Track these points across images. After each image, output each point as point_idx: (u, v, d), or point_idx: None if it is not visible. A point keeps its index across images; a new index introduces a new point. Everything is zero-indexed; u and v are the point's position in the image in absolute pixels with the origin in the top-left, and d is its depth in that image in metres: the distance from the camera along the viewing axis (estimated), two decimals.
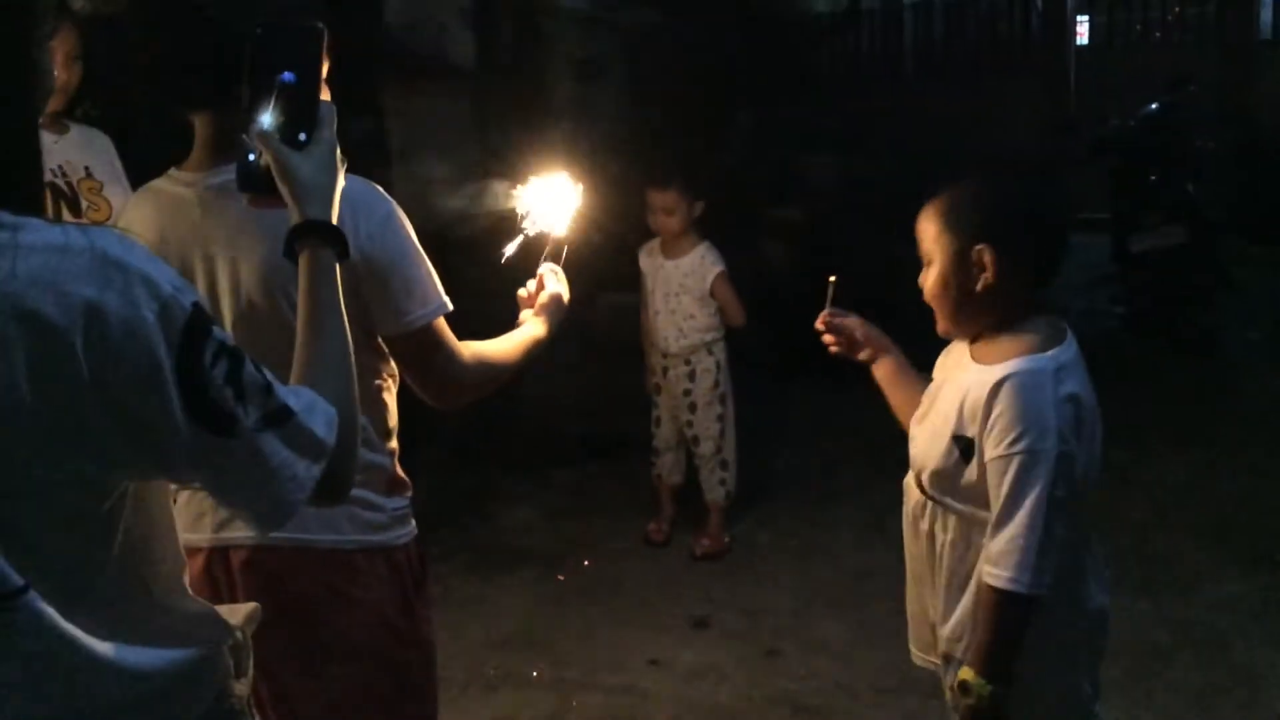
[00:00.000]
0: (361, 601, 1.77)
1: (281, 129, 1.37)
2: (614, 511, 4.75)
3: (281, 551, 1.73)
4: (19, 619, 1.08)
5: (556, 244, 2.12)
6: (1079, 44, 11.22)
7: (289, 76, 1.38)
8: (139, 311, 1.08)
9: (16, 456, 1.06)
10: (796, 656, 3.55)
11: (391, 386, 1.83)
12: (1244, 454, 4.94)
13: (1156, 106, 6.99)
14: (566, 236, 2.14)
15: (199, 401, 1.12)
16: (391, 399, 1.83)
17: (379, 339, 1.76)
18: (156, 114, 1.80)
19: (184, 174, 1.72)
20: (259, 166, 1.39)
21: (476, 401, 1.90)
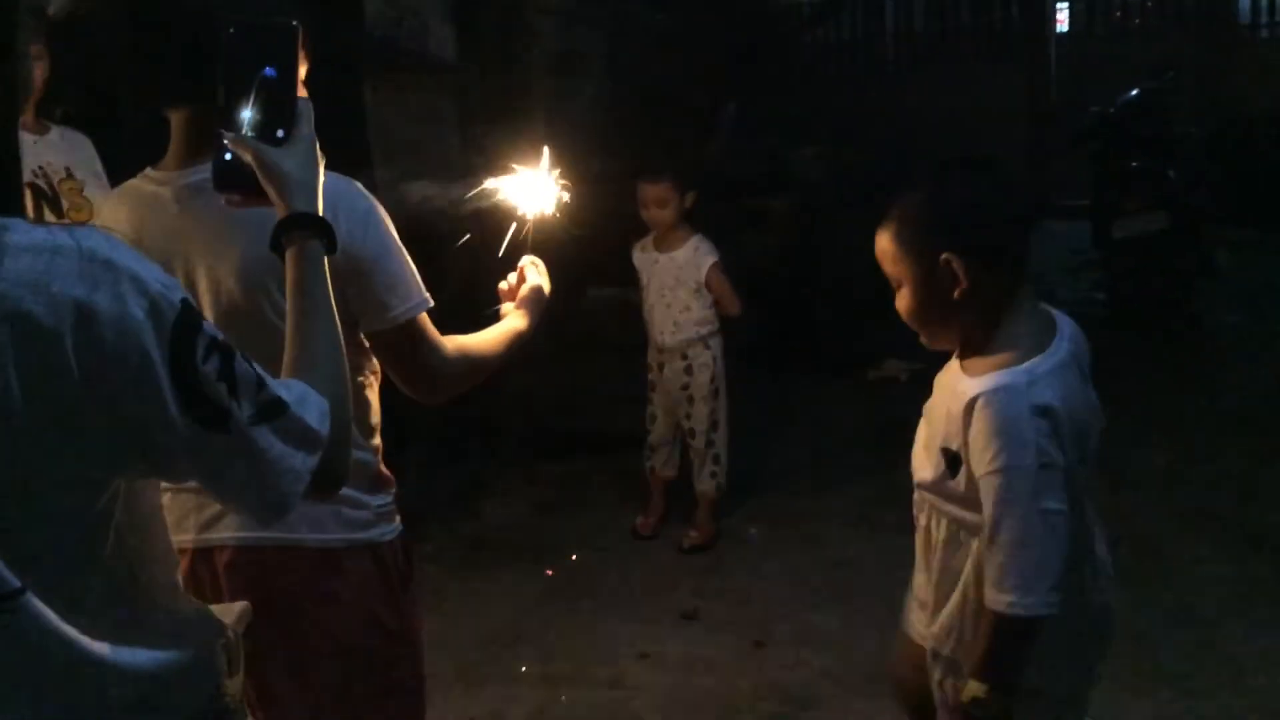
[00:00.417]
0: (348, 599, 1.77)
1: (258, 126, 1.37)
2: (602, 506, 4.76)
3: (266, 551, 1.72)
4: (17, 620, 1.07)
5: (538, 235, 2.12)
6: (1059, 31, 11.23)
7: (267, 73, 1.38)
8: (128, 310, 1.08)
9: (9, 458, 1.05)
10: (785, 647, 3.56)
11: (374, 383, 1.83)
12: (1227, 439, 4.97)
13: (1137, 93, 7.01)
14: (548, 227, 2.14)
15: (192, 397, 1.12)
16: (374, 395, 1.83)
17: (361, 335, 1.75)
18: (134, 112, 1.79)
19: (160, 172, 1.71)
20: (236, 165, 1.38)
21: (462, 396, 1.90)
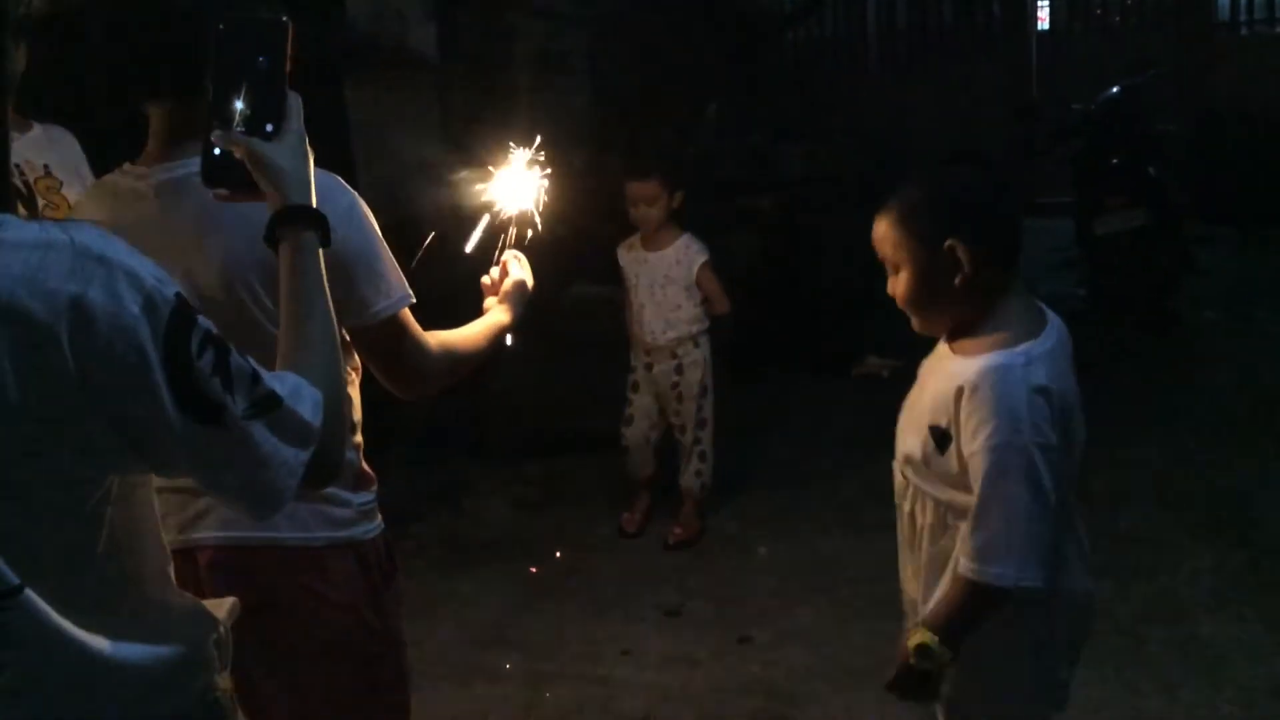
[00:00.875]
0: (330, 598, 1.76)
1: (248, 120, 1.37)
2: (586, 504, 4.76)
3: (248, 550, 1.71)
4: (15, 618, 1.07)
5: (520, 230, 2.12)
6: (1040, 29, 11.26)
7: (258, 67, 1.37)
8: (123, 305, 1.08)
9: (5, 455, 1.05)
10: (769, 643, 3.56)
11: (355, 380, 1.82)
12: (1207, 433, 5.00)
13: (1117, 90, 7.04)
14: (530, 222, 2.14)
15: (187, 392, 1.12)
16: (355, 392, 1.82)
17: (343, 331, 1.74)
18: (113, 107, 1.78)
19: (138, 168, 1.69)
20: (226, 160, 1.38)
21: (446, 394, 1.89)
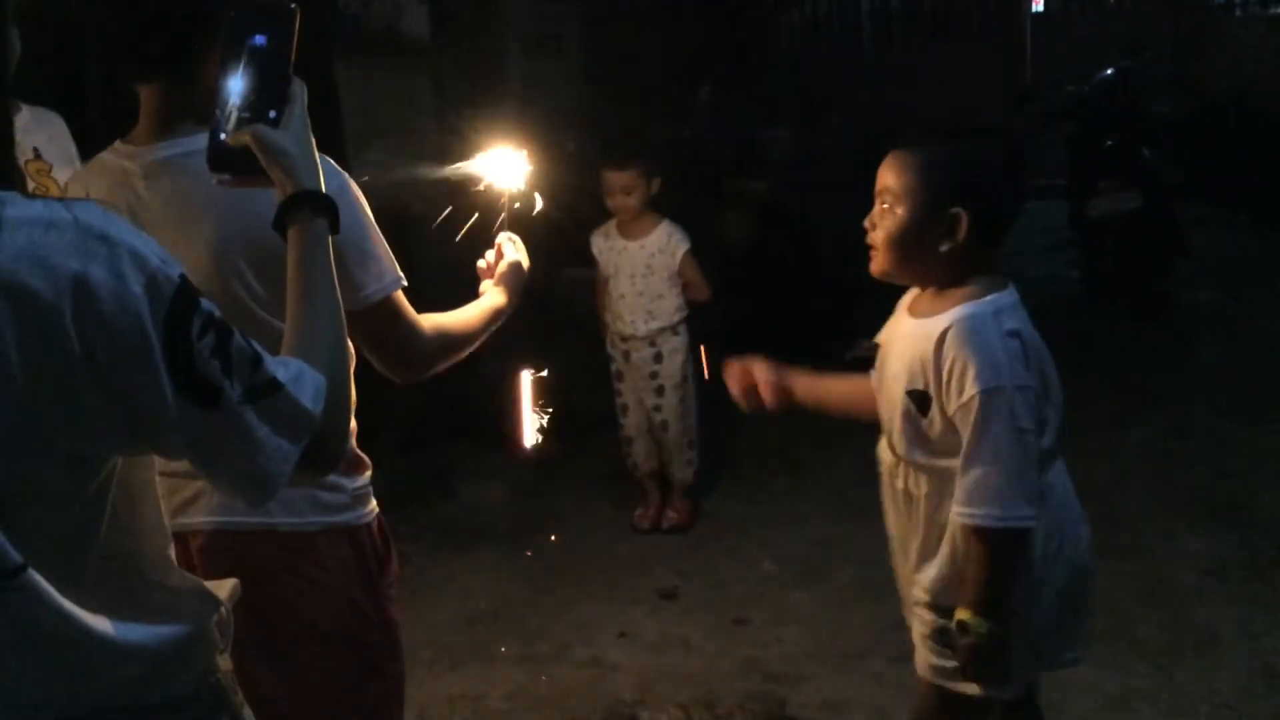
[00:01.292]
0: (324, 583, 1.75)
1: (253, 106, 1.36)
2: (581, 487, 4.76)
3: (240, 535, 1.71)
4: (19, 598, 1.07)
5: (513, 212, 2.11)
6: (1034, 11, 11.24)
7: (264, 51, 1.37)
8: (127, 284, 1.07)
9: (9, 434, 1.05)
10: (764, 625, 3.57)
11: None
12: (1202, 415, 5.01)
13: (1112, 73, 7.03)
14: (524, 204, 2.13)
15: (186, 374, 1.11)
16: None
17: None
18: (105, 87, 1.77)
19: (129, 147, 1.68)
20: (230, 146, 1.38)
21: (442, 378, 1.88)
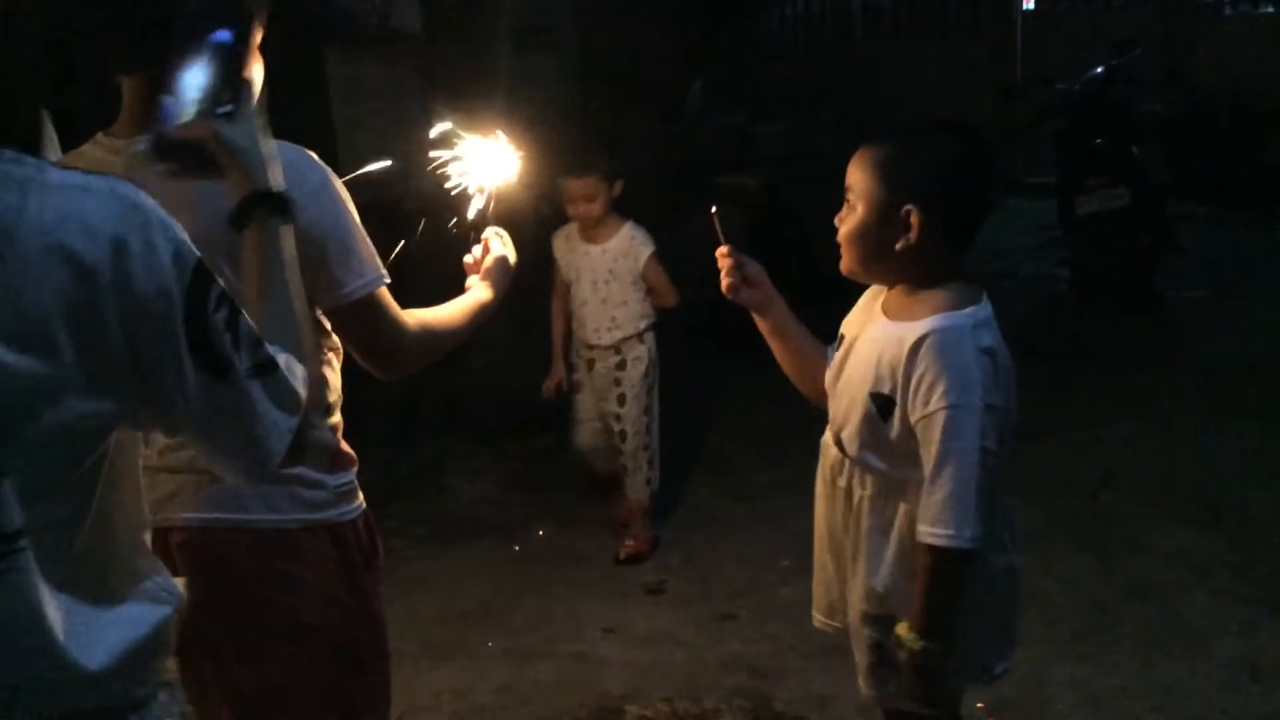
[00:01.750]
0: (306, 580, 1.75)
1: (208, 100, 1.36)
2: (569, 482, 4.75)
3: (220, 532, 1.70)
4: (13, 571, 1.08)
5: (500, 206, 2.11)
6: (1025, 8, 11.25)
7: (221, 44, 1.37)
8: (157, 253, 1.11)
9: (35, 386, 1.06)
10: (751, 620, 3.57)
11: (334, 361, 1.81)
12: (1189, 412, 5.02)
13: (1101, 70, 7.03)
14: (511, 198, 2.13)
15: (203, 345, 1.15)
16: (333, 373, 1.81)
17: (318, 311, 1.73)
18: (91, 79, 1.77)
19: (111, 139, 1.68)
20: (178, 136, 1.38)
21: (431, 374, 1.88)
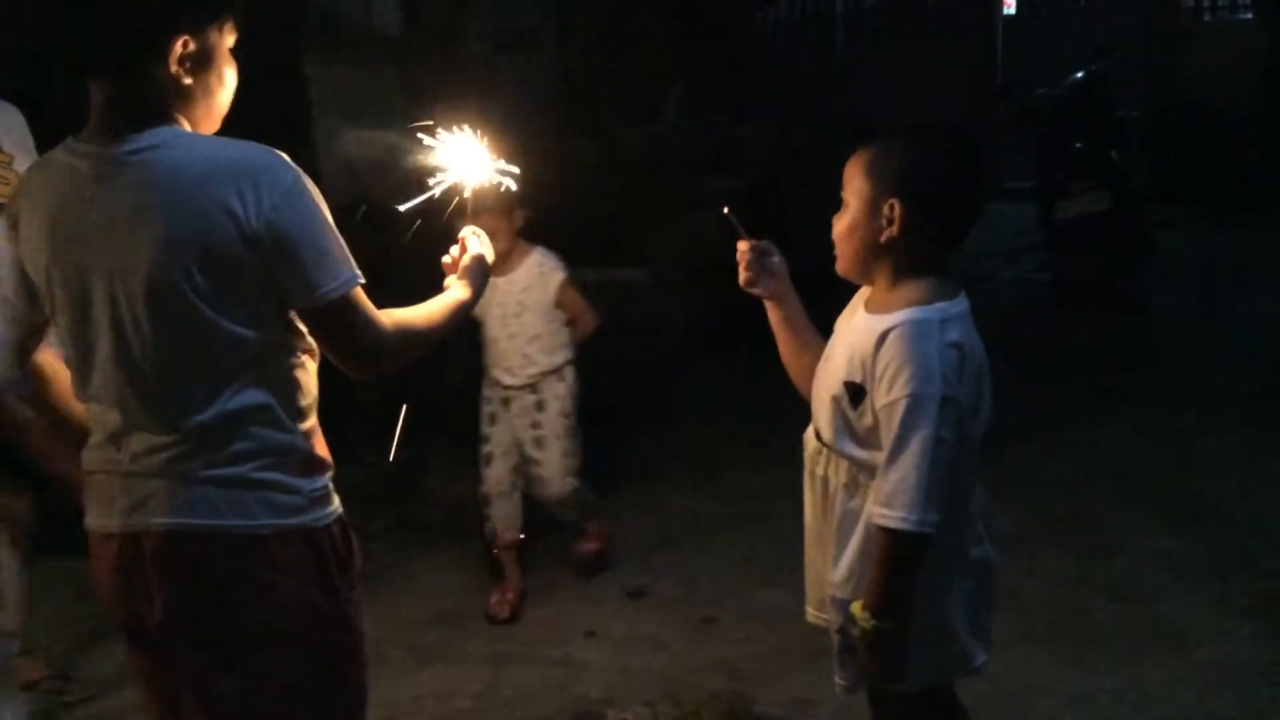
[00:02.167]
0: (280, 585, 1.73)
1: None
2: None
3: (194, 538, 1.69)
4: None
5: (477, 205, 2.11)
6: (1006, 14, 11.31)
7: None
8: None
9: None
10: (732, 623, 3.56)
11: (308, 363, 1.79)
12: (1169, 415, 5.04)
13: (1081, 75, 7.08)
14: (488, 196, 2.13)
15: None
16: (307, 376, 1.80)
17: (291, 313, 1.72)
18: (67, 83, 1.77)
19: (80, 144, 1.69)
20: None
21: (413, 374, 1.88)
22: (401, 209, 2.08)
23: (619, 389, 5.66)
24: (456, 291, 1.98)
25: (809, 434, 2.14)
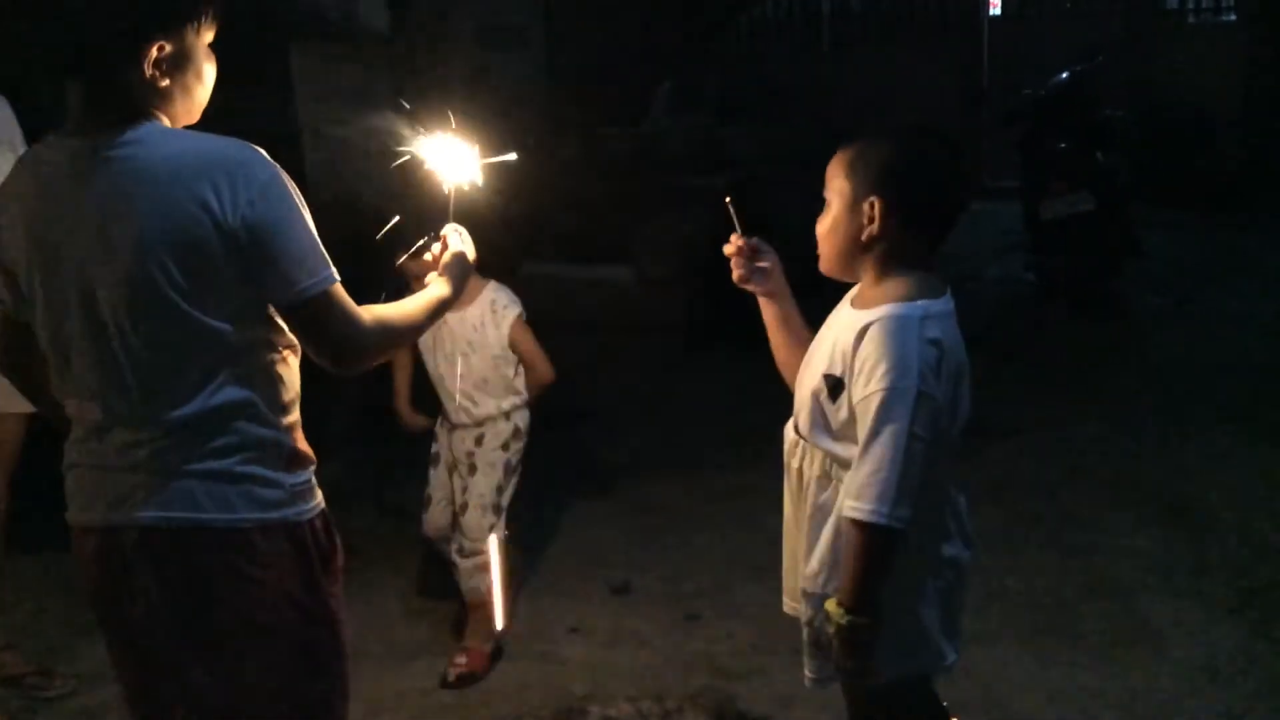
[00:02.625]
0: (261, 580, 1.74)
1: None
2: (533, 480, 4.72)
3: (175, 532, 1.69)
4: None
5: (460, 203, 2.12)
6: (991, 15, 11.35)
7: None
8: None
9: None
10: (715, 620, 3.57)
11: (289, 359, 1.80)
12: (1152, 414, 5.07)
13: (1066, 76, 7.10)
14: (482, 204, 2.13)
15: None
16: (288, 371, 1.80)
17: (271, 309, 1.72)
18: (49, 76, 1.78)
19: (60, 140, 1.70)
20: None
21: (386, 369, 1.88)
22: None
23: (602, 385, 5.67)
24: (437, 288, 1.99)
25: (789, 426, 2.16)
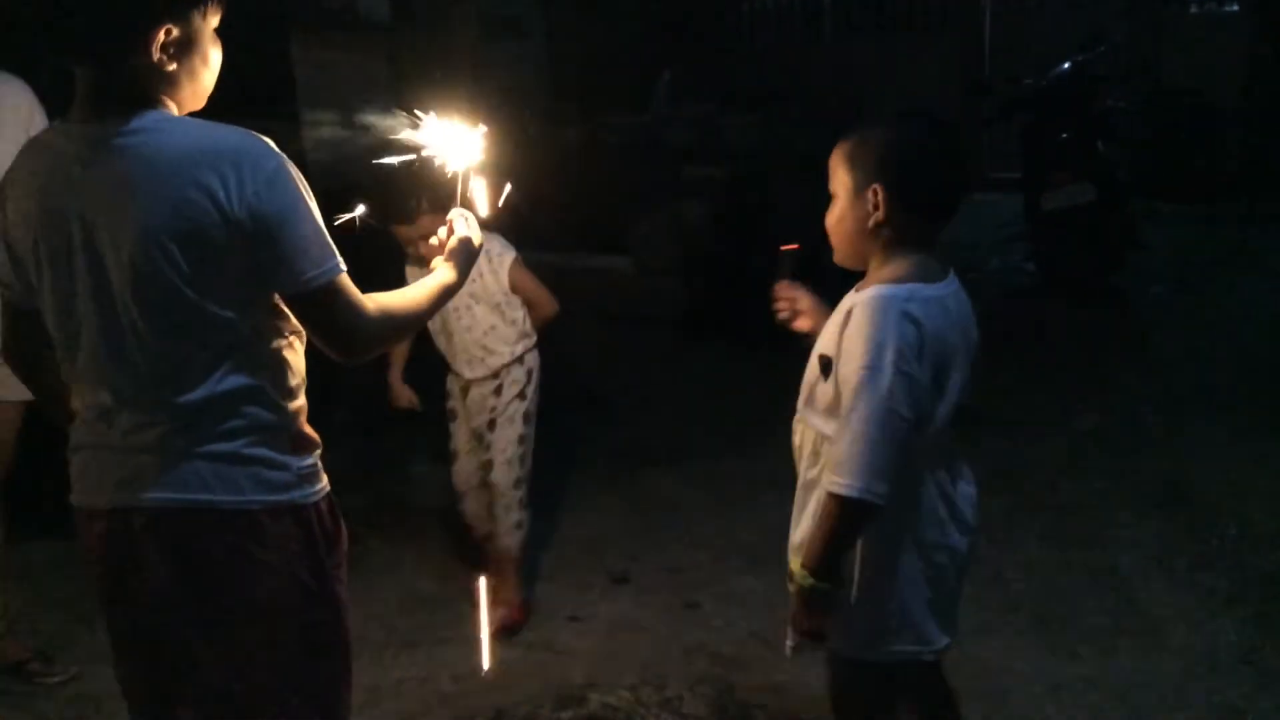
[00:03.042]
0: (268, 562, 1.74)
1: None
2: (535, 470, 4.73)
3: (183, 513, 1.70)
4: None
5: (466, 189, 2.11)
6: (992, 4, 11.31)
7: None
8: None
9: None
10: (715, 609, 3.58)
11: (295, 344, 1.80)
12: (1151, 405, 5.07)
13: (1068, 66, 7.09)
14: (475, 179, 2.13)
15: None
16: (295, 357, 1.80)
17: (276, 297, 1.73)
18: (48, 65, 1.77)
19: (65, 126, 1.70)
20: None
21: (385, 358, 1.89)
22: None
23: (602, 375, 5.68)
24: (442, 274, 1.98)
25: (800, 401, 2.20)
